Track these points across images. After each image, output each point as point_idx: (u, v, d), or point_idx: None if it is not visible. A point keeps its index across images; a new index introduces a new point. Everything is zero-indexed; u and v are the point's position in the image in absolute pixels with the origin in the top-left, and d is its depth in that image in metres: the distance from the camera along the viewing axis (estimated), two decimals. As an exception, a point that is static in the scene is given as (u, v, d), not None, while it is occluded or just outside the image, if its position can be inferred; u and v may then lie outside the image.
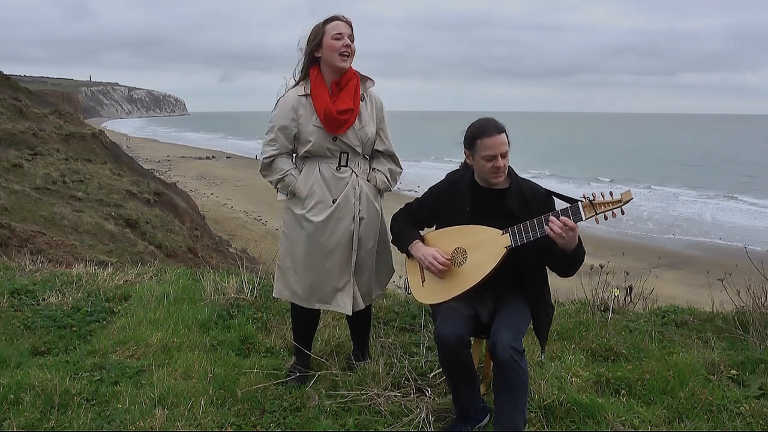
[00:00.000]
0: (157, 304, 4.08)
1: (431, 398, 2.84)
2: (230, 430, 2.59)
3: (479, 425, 2.63)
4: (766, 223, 26.73)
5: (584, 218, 2.39)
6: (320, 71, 2.88)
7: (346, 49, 2.80)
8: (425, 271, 2.71)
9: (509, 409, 2.40)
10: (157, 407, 2.66)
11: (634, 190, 2.43)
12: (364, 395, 2.83)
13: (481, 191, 2.66)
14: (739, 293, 3.90)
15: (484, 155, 2.54)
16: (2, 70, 28.48)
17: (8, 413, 2.63)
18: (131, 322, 3.76)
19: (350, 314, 2.97)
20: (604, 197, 2.37)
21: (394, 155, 3.06)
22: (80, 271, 5.06)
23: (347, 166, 2.92)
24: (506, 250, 2.51)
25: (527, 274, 2.61)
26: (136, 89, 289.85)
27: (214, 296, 4.19)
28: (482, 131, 2.55)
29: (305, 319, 3.11)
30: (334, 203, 2.88)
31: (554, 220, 2.39)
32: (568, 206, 2.43)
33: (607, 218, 2.39)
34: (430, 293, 2.69)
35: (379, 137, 3.01)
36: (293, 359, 3.19)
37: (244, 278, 4.41)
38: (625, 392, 2.93)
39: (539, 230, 2.45)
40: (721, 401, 2.83)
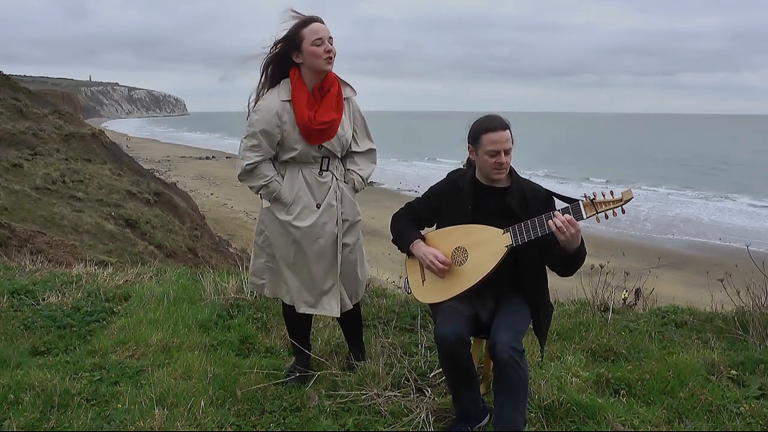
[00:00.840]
0: (157, 304, 4.08)
1: (431, 398, 2.84)
2: (230, 430, 2.59)
3: (479, 425, 2.63)
4: (765, 223, 26.73)
5: (585, 217, 2.40)
6: (301, 75, 2.83)
7: (328, 54, 2.77)
8: (425, 270, 2.71)
9: (509, 409, 2.40)
10: (156, 407, 2.66)
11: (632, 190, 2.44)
12: (364, 395, 2.83)
13: (482, 189, 2.66)
14: (739, 293, 3.90)
15: (487, 150, 2.54)
16: (2, 70, 28.51)
17: (8, 413, 2.63)
18: (131, 322, 3.76)
19: (338, 316, 2.98)
20: (604, 196, 2.39)
21: (366, 153, 3.03)
22: (80, 271, 5.06)
23: (328, 170, 2.91)
24: (507, 249, 2.51)
25: (527, 273, 2.61)
26: (136, 89, 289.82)
27: (214, 296, 4.19)
28: (487, 126, 2.56)
29: (296, 320, 3.11)
30: (318, 208, 2.87)
31: (558, 214, 2.40)
32: (568, 205, 2.45)
33: (607, 217, 2.40)
34: (430, 293, 2.69)
35: (353, 139, 3.00)
36: (293, 359, 3.19)
37: (244, 278, 4.40)
38: (625, 392, 2.93)
39: (540, 229, 2.45)
40: (721, 401, 2.83)
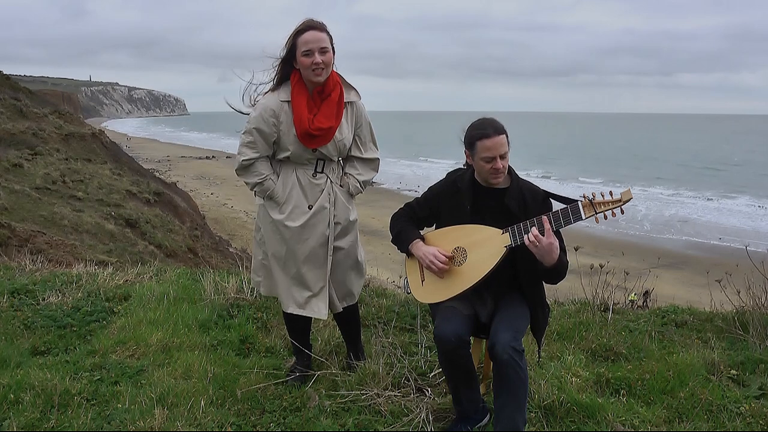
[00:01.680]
0: (157, 304, 4.08)
1: (431, 398, 2.84)
2: (230, 430, 2.59)
3: (479, 425, 2.63)
4: (764, 223, 26.72)
5: (584, 217, 2.41)
6: (301, 77, 2.82)
7: (316, 66, 2.73)
8: (425, 270, 2.71)
9: (509, 409, 2.40)
10: (157, 407, 2.66)
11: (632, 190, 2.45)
12: (364, 395, 2.83)
13: (481, 190, 2.65)
14: (739, 293, 3.90)
15: (483, 156, 2.53)
16: (2, 70, 28.49)
17: (8, 413, 2.63)
18: (131, 322, 3.76)
19: (325, 318, 2.99)
20: (603, 197, 2.39)
21: (369, 160, 3.01)
22: (80, 270, 5.06)
23: (323, 172, 2.90)
24: (506, 249, 2.51)
25: (525, 274, 2.61)
26: (136, 89, 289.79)
27: (214, 296, 4.19)
28: (481, 133, 2.54)
29: (295, 319, 3.10)
30: (310, 209, 2.87)
31: (533, 230, 2.40)
32: (567, 206, 2.45)
33: (606, 218, 2.40)
34: (429, 293, 2.68)
35: (355, 143, 2.97)
36: (293, 359, 3.20)
37: (244, 278, 4.40)
38: (625, 392, 2.93)
39: (539, 230, 2.45)
40: (721, 401, 2.84)
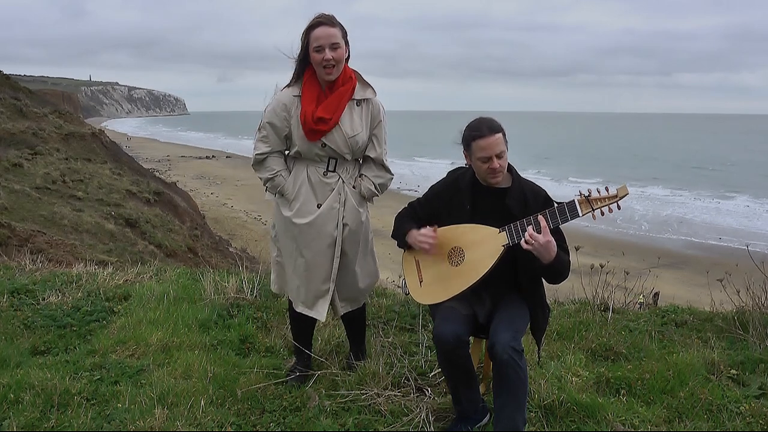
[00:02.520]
0: (157, 303, 4.08)
1: (431, 398, 2.84)
2: (230, 429, 2.58)
3: (479, 425, 2.63)
4: (761, 223, 26.73)
5: (581, 214, 2.40)
6: (314, 72, 2.82)
7: (327, 63, 2.73)
8: (423, 270, 2.70)
9: (509, 409, 2.40)
10: (157, 407, 2.66)
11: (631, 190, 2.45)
12: (364, 395, 2.83)
13: (481, 190, 2.63)
14: (738, 293, 3.90)
15: (479, 156, 2.52)
16: (2, 70, 28.50)
17: (8, 413, 2.63)
18: (131, 321, 3.76)
19: (323, 321, 3.02)
20: (599, 193, 2.39)
21: (384, 163, 2.96)
22: (80, 270, 5.06)
23: (335, 171, 2.88)
24: (504, 248, 2.50)
25: (525, 272, 2.60)
26: (136, 89, 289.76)
27: (214, 296, 4.19)
28: (476, 133, 2.52)
29: (302, 319, 3.10)
30: (318, 208, 2.85)
31: (529, 230, 2.40)
32: (564, 203, 2.44)
33: (603, 214, 2.40)
34: (428, 293, 2.68)
35: (371, 143, 2.92)
36: (294, 359, 3.19)
37: (244, 278, 4.41)
38: (625, 392, 2.93)
39: (536, 228, 2.45)
40: (721, 401, 2.84)
